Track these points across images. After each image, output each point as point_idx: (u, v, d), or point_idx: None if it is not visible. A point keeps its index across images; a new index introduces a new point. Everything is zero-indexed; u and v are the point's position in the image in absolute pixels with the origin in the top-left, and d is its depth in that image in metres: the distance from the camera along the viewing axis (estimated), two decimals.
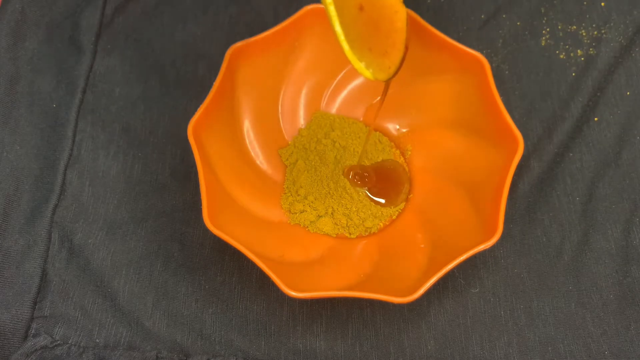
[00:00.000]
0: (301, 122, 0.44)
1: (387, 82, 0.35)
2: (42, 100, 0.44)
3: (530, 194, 0.42)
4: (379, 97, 0.43)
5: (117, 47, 0.46)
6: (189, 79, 0.46)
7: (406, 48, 0.33)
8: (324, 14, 0.41)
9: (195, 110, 0.38)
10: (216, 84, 0.38)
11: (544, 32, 0.46)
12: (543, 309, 0.39)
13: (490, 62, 0.45)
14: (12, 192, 0.41)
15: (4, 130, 0.43)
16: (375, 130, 0.43)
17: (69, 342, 0.38)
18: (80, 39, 0.46)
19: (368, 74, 0.33)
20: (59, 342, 0.38)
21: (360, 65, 0.32)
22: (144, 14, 0.48)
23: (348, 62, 0.43)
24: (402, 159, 0.43)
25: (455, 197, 0.39)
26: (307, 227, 0.41)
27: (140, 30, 0.47)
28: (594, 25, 0.46)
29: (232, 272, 0.40)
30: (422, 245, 0.38)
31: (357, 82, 0.44)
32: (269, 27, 0.40)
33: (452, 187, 0.40)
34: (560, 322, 0.38)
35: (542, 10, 0.47)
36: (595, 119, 0.43)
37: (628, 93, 0.44)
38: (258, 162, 0.42)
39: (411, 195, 0.41)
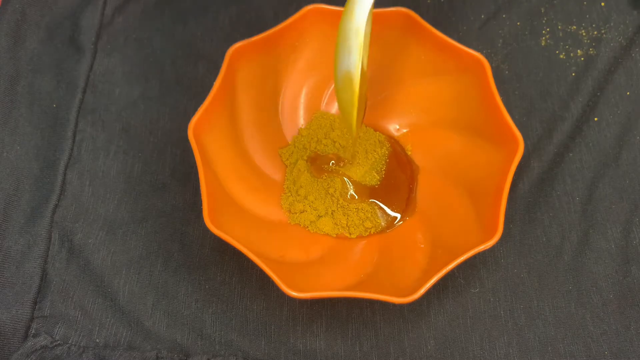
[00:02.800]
0: (301, 122, 0.44)
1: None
2: (42, 100, 0.44)
3: (530, 194, 0.42)
4: (381, 96, 0.43)
5: (117, 47, 0.46)
6: (189, 79, 0.46)
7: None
8: (325, 14, 0.41)
9: (195, 110, 0.38)
10: (216, 84, 0.38)
11: (544, 32, 0.46)
12: (543, 309, 0.39)
13: (490, 62, 0.45)
14: (12, 192, 0.41)
15: (4, 130, 0.43)
16: (376, 130, 0.43)
17: (69, 342, 0.38)
18: (80, 39, 0.46)
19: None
20: (59, 342, 0.38)
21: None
22: (144, 14, 0.48)
23: None
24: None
25: (456, 197, 0.39)
26: (307, 227, 0.41)
27: (140, 30, 0.47)
28: (594, 25, 0.46)
29: (232, 272, 0.40)
30: (422, 245, 0.38)
31: None
32: (269, 27, 0.40)
33: (452, 187, 0.40)
34: (560, 322, 0.38)
35: (542, 10, 0.47)
36: (595, 119, 0.43)
37: (628, 93, 0.44)
38: (258, 162, 0.42)
39: (412, 194, 0.41)
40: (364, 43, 0.33)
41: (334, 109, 0.44)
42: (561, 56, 0.46)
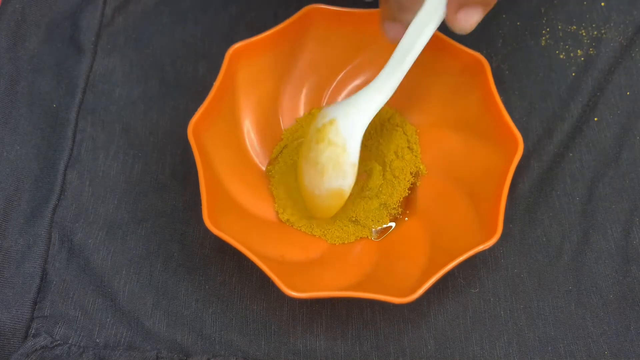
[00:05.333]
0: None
1: None
2: (42, 100, 0.44)
3: (530, 194, 0.42)
4: None
5: (117, 47, 0.46)
6: (189, 79, 0.46)
7: None
8: (325, 14, 0.41)
9: (195, 110, 0.38)
10: (216, 84, 0.38)
11: (544, 32, 0.46)
12: (543, 309, 0.39)
13: (490, 62, 0.45)
14: (12, 192, 0.41)
15: (4, 130, 0.43)
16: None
17: (69, 342, 0.38)
18: (80, 39, 0.46)
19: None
20: (59, 342, 0.38)
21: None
22: (144, 14, 0.48)
23: (348, 62, 0.43)
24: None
25: (455, 197, 0.39)
26: (301, 227, 0.40)
27: (140, 30, 0.47)
28: (594, 25, 0.46)
29: (232, 272, 0.40)
30: (422, 245, 0.38)
31: (357, 82, 0.44)
32: (269, 27, 0.40)
33: (452, 187, 0.40)
34: (560, 322, 0.38)
35: (542, 10, 0.47)
36: (595, 119, 0.43)
37: (628, 93, 0.44)
38: (258, 162, 0.42)
39: (412, 194, 0.41)
40: None
41: None
42: (561, 56, 0.46)
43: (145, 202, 0.42)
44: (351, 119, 0.36)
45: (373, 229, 0.40)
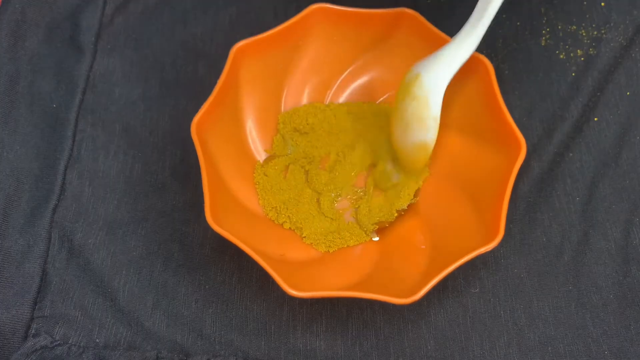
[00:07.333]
0: None
1: None
2: (42, 100, 0.44)
3: (530, 194, 0.42)
4: (385, 96, 0.43)
5: (117, 47, 0.46)
6: (189, 79, 0.46)
7: None
8: (329, 14, 0.41)
9: (196, 110, 0.38)
10: (220, 81, 0.38)
11: (544, 32, 0.46)
12: (543, 309, 0.39)
13: (490, 62, 0.45)
14: (12, 192, 0.41)
15: (4, 130, 0.43)
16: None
17: (69, 342, 0.38)
18: (80, 39, 0.46)
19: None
20: (59, 342, 0.38)
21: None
22: (144, 14, 0.48)
23: (351, 62, 0.43)
24: None
25: (457, 199, 0.39)
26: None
27: (140, 30, 0.47)
28: (594, 25, 0.46)
29: (232, 272, 0.40)
30: (423, 247, 0.38)
31: (360, 81, 0.44)
32: (269, 27, 0.40)
33: (454, 189, 0.40)
34: (560, 322, 0.38)
35: (542, 10, 0.47)
36: (595, 119, 0.43)
37: (628, 93, 0.44)
38: (260, 160, 0.42)
39: (414, 199, 0.41)
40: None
41: None
42: (561, 56, 0.46)
43: (145, 202, 0.42)
44: (435, 73, 0.37)
45: (372, 232, 0.40)
